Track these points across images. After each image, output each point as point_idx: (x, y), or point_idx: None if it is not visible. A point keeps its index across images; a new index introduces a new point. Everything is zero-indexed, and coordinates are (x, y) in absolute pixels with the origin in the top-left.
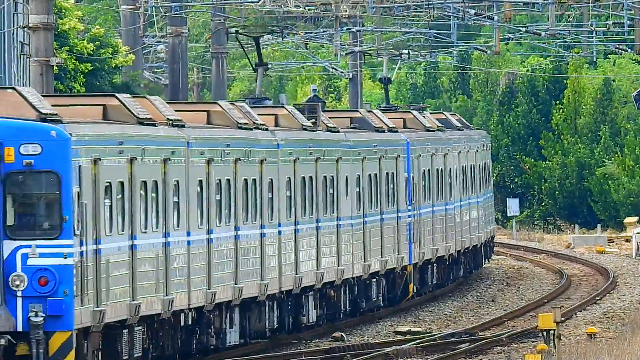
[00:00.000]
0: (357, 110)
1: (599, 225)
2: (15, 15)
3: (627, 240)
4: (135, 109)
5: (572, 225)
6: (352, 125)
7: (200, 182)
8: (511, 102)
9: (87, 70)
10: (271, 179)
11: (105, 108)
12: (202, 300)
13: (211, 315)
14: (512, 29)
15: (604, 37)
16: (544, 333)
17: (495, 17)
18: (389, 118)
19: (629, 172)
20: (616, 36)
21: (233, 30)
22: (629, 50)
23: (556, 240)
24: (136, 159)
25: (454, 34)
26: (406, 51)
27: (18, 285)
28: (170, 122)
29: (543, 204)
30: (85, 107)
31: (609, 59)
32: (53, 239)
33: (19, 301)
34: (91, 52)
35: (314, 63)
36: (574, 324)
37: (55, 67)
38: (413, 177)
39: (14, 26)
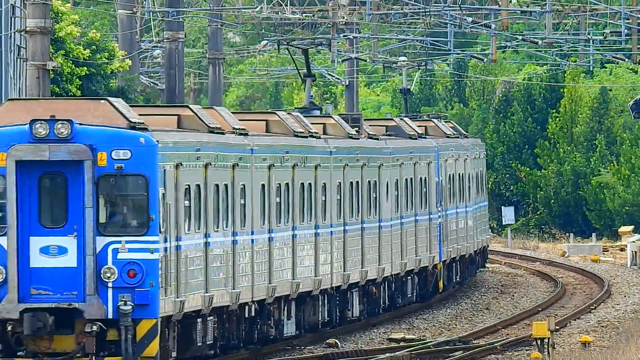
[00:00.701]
0: (392, 119)
1: (593, 234)
2: (13, 19)
3: (622, 250)
4: (206, 118)
5: (567, 233)
6: (387, 133)
7: (263, 185)
8: (507, 111)
9: (83, 76)
10: (324, 183)
11: (180, 118)
12: (263, 294)
13: (271, 308)
14: (509, 37)
15: (601, 46)
16: (538, 341)
17: (492, 25)
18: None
19: (625, 182)
20: (613, 45)
21: (284, 42)
22: (626, 59)
23: (551, 249)
24: (210, 164)
25: (451, 42)
26: (423, 62)
27: (109, 277)
28: (236, 130)
29: (538, 212)
30: (162, 116)
31: (606, 68)
32: (141, 236)
33: (110, 291)
34: (87, 58)
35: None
36: (568, 333)
37: (51, 72)
38: (441, 181)
39: (10, 30)
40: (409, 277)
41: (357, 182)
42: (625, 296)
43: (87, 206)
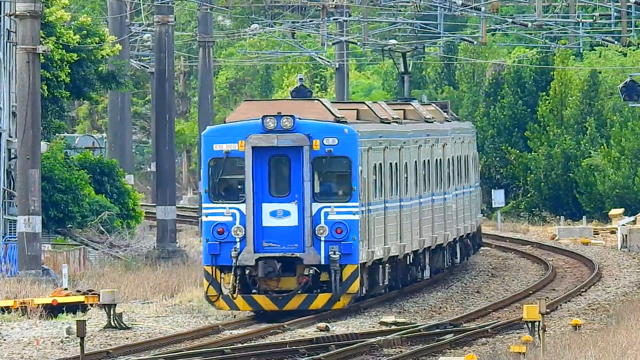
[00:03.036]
0: (430, 103)
1: (584, 216)
2: (2, 2)
3: (613, 232)
4: (377, 111)
5: (558, 216)
6: (448, 117)
7: (415, 162)
8: (497, 94)
9: (73, 61)
10: (449, 159)
11: (358, 111)
12: (417, 246)
13: (420, 257)
14: (498, 19)
15: (591, 29)
16: (529, 324)
17: (482, 8)
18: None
19: (615, 164)
20: (603, 28)
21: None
22: (616, 42)
23: (541, 232)
24: (387, 148)
25: (441, 25)
26: (415, 46)
27: (322, 233)
28: (395, 120)
29: (528, 195)
30: (345, 110)
31: (595, 50)
32: (345, 202)
33: (322, 244)
34: (77, 43)
35: (300, 53)
36: (558, 316)
37: (41, 56)
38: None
39: (0, 14)
40: (474, 233)
41: (459, 156)
42: (615, 279)
43: (306, 180)
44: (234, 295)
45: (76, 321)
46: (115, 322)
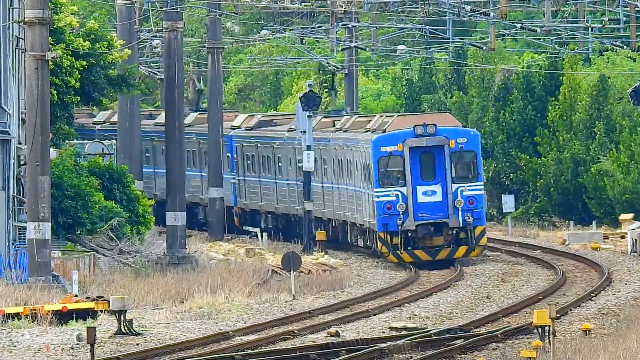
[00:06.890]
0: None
1: (594, 221)
2: (11, 9)
3: (622, 237)
4: (452, 119)
5: (567, 221)
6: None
7: None
8: (507, 99)
9: (82, 68)
10: None
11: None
12: None
13: None
14: (507, 25)
15: (600, 34)
16: (539, 329)
17: (491, 13)
18: None
19: (624, 169)
20: (612, 33)
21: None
22: (625, 47)
23: (551, 237)
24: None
25: (450, 30)
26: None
27: (459, 205)
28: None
29: (538, 200)
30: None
31: (603, 56)
32: (473, 182)
33: (460, 212)
34: (87, 49)
35: (309, 58)
36: (569, 321)
37: (50, 62)
38: None
39: (9, 20)
40: None
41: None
42: (625, 283)
43: (447, 168)
44: (401, 252)
45: (86, 328)
46: (126, 328)
